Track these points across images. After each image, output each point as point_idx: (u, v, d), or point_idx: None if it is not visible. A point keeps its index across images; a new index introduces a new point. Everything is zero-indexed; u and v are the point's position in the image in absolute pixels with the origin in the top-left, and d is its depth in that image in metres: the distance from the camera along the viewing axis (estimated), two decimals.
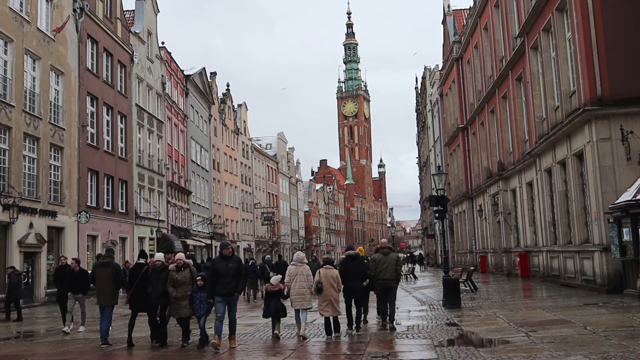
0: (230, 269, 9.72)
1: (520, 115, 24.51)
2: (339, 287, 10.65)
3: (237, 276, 9.78)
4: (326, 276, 10.48)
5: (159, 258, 10.75)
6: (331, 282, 10.47)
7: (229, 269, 9.72)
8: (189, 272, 10.23)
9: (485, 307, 14.06)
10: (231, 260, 9.87)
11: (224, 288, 9.65)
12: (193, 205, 42.15)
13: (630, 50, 15.35)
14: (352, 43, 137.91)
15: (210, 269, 10.08)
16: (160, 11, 43.37)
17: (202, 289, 10.07)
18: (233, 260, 9.87)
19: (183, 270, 10.21)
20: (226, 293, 9.68)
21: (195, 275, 10.25)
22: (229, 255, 9.95)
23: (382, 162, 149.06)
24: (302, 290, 10.44)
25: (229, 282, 9.65)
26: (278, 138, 75.14)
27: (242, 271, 10.00)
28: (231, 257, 9.94)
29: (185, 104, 41.92)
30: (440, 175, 16.03)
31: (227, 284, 9.64)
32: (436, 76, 49.24)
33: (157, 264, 10.59)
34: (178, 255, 10.83)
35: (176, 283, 10.11)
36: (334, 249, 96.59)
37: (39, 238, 21.55)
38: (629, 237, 13.57)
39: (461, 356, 7.95)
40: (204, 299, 9.97)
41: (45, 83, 22.74)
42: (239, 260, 10.11)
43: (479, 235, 33.75)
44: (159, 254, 11.15)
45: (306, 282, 10.49)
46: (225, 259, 9.90)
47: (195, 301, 10.07)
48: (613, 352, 7.49)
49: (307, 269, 10.78)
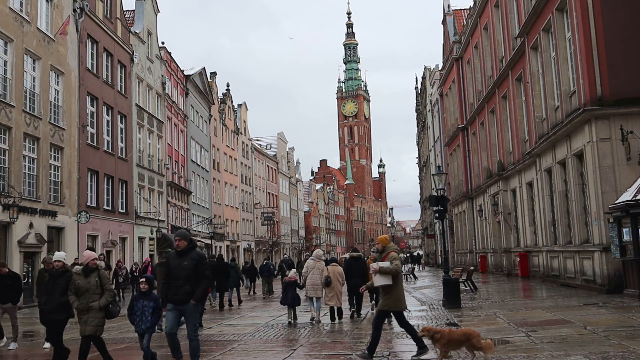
0: (184, 268, 7.49)
1: (520, 115, 24.51)
2: (343, 282, 12.71)
3: (195, 278, 7.49)
4: (333, 272, 12.54)
5: (59, 258, 8.52)
6: (337, 277, 12.54)
7: (182, 268, 7.50)
8: (97, 276, 7.96)
9: (485, 307, 14.06)
10: (187, 256, 7.58)
11: (175, 294, 7.49)
12: (193, 205, 42.15)
13: (630, 50, 15.35)
14: (352, 43, 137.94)
15: (164, 268, 8.03)
16: (160, 11, 43.46)
17: (145, 295, 8.19)
18: (190, 257, 7.56)
19: (90, 275, 7.96)
20: (177, 300, 7.48)
21: (104, 281, 8.05)
22: (184, 250, 7.64)
23: (382, 162, 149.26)
24: (316, 282, 12.56)
25: (182, 286, 7.46)
26: (278, 138, 75.14)
27: (201, 272, 7.55)
28: (187, 252, 7.62)
29: (185, 104, 41.92)
30: (440, 175, 16.04)
31: (179, 287, 7.46)
32: (436, 76, 49.24)
33: (56, 265, 8.40)
34: (86, 254, 8.44)
35: (79, 291, 7.86)
36: (334, 249, 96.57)
37: (39, 238, 21.55)
38: (629, 237, 13.56)
39: (461, 356, 7.94)
40: (146, 308, 8.06)
41: (45, 83, 22.74)
42: (199, 258, 7.67)
43: (479, 235, 33.74)
44: (60, 253, 8.86)
45: (320, 276, 12.59)
46: (180, 255, 7.64)
47: (136, 311, 8.11)
48: (613, 352, 7.49)
49: (323, 264, 12.93)
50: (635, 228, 13.32)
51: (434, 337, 7.31)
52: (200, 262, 7.60)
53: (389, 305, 8.32)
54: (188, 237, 7.74)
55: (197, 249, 7.78)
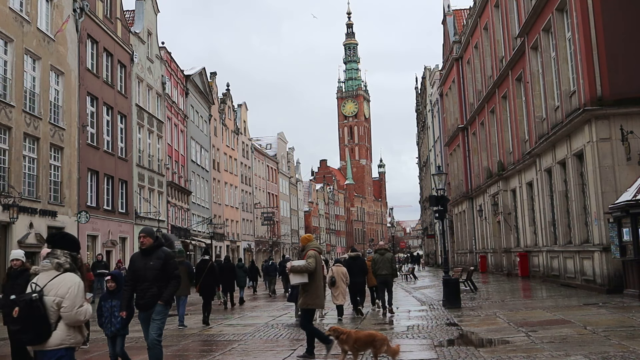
0: (150, 268, 6.76)
1: (520, 115, 24.51)
2: (347, 281, 13.33)
3: (163, 279, 6.80)
4: (337, 272, 13.22)
5: (17, 256, 7.78)
6: (341, 277, 13.19)
7: (148, 268, 6.77)
8: None
9: (485, 307, 14.06)
10: (153, 256, 6.86)
11: (141, 297, 6.82)
12: (193, 205, 42.14)
13: (630, 50, 15.35)
14: (352, 43, 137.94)
15: (128, 269, 7.34)
16: (160, 11, 43.45)
17: (114, 294, 7.47)
18: (156, 257, 6.83)
19: None
20: (143, 305, 6.82)
21: None
22: (150, 249, 6.92)
23: (382, 162, 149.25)
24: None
25: (148, 288, 6.78)
26: (278, 138, 75.13)
27: (170, 272, 6.84)
28: (153, 251, 6.90)
29: (185, 104, 41.92)
30: (440, 175, 16.05)
31: (145, 290, 6.78)
32: (436, 76, 49.24)
33: (13, 265, 7.67)
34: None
35: None
36: (334, 249, 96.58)
37: (39, 238, 21.54)
38: (629, 237, 13.56)
39: (461, 356, 7.94)
40: (115, 308, 7.30)
41: (45, 83, 22.74)
42: (167, 256, 6.94)
43: (479, 235, 33.74)
44: (17, 251, 8.13)
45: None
46: (145, 255, 6.92)
47: (104, 313, 7.43)
48: (613, 352, 7.49)
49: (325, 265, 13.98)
50: (635, 228, 13.32)
51: (339, 338, 7.40)
52: (168, 261, 6.89)
53: (307, 303, 8.60)
54: (154, 234, 7.09)
55: (165, 247, 7.07)
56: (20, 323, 4.19)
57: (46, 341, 4.20)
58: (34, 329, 4.19)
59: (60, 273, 4.37)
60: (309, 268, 8.45)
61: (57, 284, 4.28)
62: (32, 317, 4.18)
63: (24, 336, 4.23)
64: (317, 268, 8.58)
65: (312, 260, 8.50)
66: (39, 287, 4.27)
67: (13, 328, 4.28)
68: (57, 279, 4.33)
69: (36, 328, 4.19)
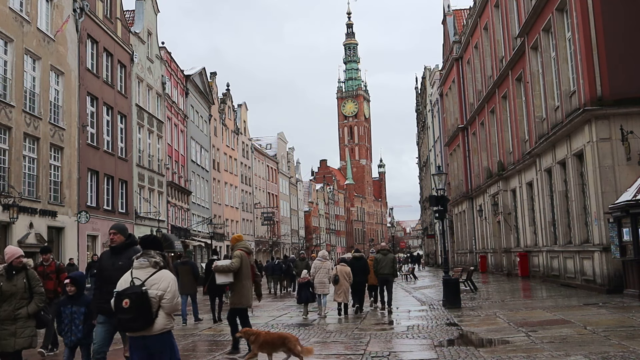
0: (119, 269, 5.86)
1: (520, 115, 24.51)
2: (350, 280, 13.79)
3: None
4: (341, 271, 13.73)
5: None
6: (345, 275, 13.68)
7: (117, 269, 5.92)
8: (25, 278, 6.68)
9: (485, 307, 14.06)
10: (123, 255, 6.13)
11: (108, 301, 5.70)
12: (193, 205, 42.14)
13: (630, 50, 15.35)
14: (352, 43, 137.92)
15: (97, 270, 6.60)
16: (160, 11, 43.45)
17: (74, 299, 6.77)
18: (126, 256, 5.99)
19: (16, 275, 6.64)
20: (109, 310, 5.67)
21: (34, 283, 6.69)
22: (121, 247, 6.24)
23: (382, 162, 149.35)
24: (324, 280, 13.72)
25: None
26: (278, 138, 75.13)
27: None
28: (124, 250, 6.21)
29: (185, 104, 41.92)
30: (440, 175, 16.06)
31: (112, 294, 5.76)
32: (436, 76, 49.24)
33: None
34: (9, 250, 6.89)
35: (3, 295, 6.50)
36: (334, 249, 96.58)
37: (39, 238, 21.54)
38: (629, 237, 13.56)
39: (461, 356, 7.94)
40: (76, 315, 6.68)
41: (45, 83, 22.73)
42: None
43: (479, 235, 33.74)
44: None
45: (327, 274, 13.79)
46: (114, 253, 6.24)
47: (64, 319, 6.75)
48: (613, 352, 7.49)
49: (329, 264, 14.21)
50: (635, 228, 13.33)
51: (249, 339, 7.46)
52: None
53: (234, 302, 8.88)
54: (126, 231, 6.35)
55: (138, 246, 6.14)
56: (132, 313, 4.84)
57: (152, 327, 4.91)
58: (143, 317, 4.86)
59: (157, 270, 5.05)
60: (231, 268, 8.71)
61: (158, 280, 4.98)
62: (142, 307, 4.84)
63: (135, 324, 4.88)
64: (243, 268, 8.76)
65: (236, 260, 8.75)
66: (140, 281, 4.96)
67: (125, 317, 4.86)
68: (156, 275, 5.01)
69: (145, 316, 4.86)
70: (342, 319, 13.27)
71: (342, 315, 13.70)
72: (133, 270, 5.08)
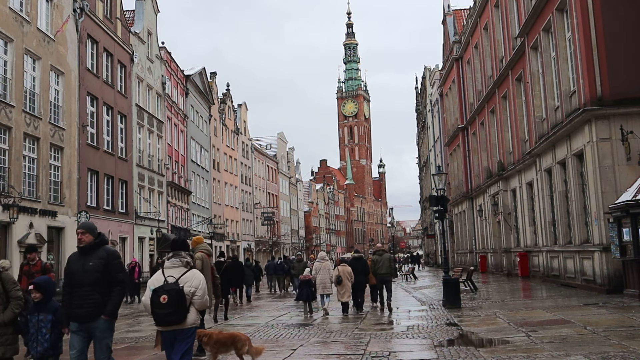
0: (89, 270, 5.58)
1: (520, 115, 24.51)
2: (352, 280, 13.98)
3: (105, 284, 5.63)
4: (343, 271, 13.93)
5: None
6: (347, 275, 13.90)
7: (87, 271, 5.60)
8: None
9: (485, 307, 14.06)
10: (93, 255, 5.68)
11: (79, 306, 5.58)
12: (193, 205, 42.15)
13: (630, 50, 15.35)
14: (352, 43, 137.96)
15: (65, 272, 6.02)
16: (160, 11, 43.43)
17: (41, 306, 6.26)
18: (97, 257, 5.66)
19: None
20: (81, 315, 5.59)
21: (9, 286, 6.27)
22: (90, 247, 5.74)
23: (382, 162, 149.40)
24: (325, 280, 14.06)
25: (88, 295, 5.58)
26: (278, 138, 75.13)
27: (113, 275, 5.70)
28: (93, 250, 5.73)
29: (185, 104, 41.92)
30: (440, 175, 16.06)
31: (84, 297, 5.59)
32: (436, 76, 49.24)
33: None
34: None
35: None
36: (334, 249, 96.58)
37: (39, 238, 21.54)
38: (629, 237, 13.56)
39: (461, 356, 7.94)
40: (42, 323, 6.19)
41: (45, 83, 22.73)
42: (109, 256, 5.77)
43: (479, 235, 33.73)
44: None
45: (328, 275, 14.12)
46: (83, 254, 5.74)
47: (30, 329, 6.26)
48: (613, 352, 7.48)
49: (329, 264, 14.59)
50: (635, 228, 13.32)
51: (202, 340, 7.50)
52: (111, 261, 5.72)
53: None
54: (95, 230, 5.85)
55: (108, 246, 5.90)
56: (170, 307, 5.23)
57: (185, 321, 5.32)
58: (180, 311, 5.27)
59: (188, 269, 5.48)
60: None
61: (190, 278, 5.41)
62: (179, 302, 5.25)
63: (173, 317, 5.26)
64: (204, 270, 8.82)
65: (198, 263, 8.86)
66: (174, 279, 5.35)
67: (164, 312, 5.23)
68: (188, 273, 5.44)
69: (181, 311, 5.28)
70: (343, 319, 13.32)
71: (347, 313, 13.97)
72: (165, 269, 5.45)
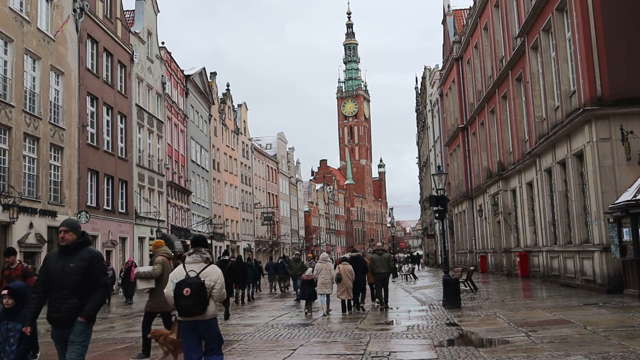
0: (68, 272, 5.22)
1: (520, 115, 24.51)
2: (353, 278, 14.16)
3: (86, 287, 5.26)
4: (344, 270, 14.12)
5: None
6: (347, 274, 14.10)
7: (67, 272, 5.22)
8: None
9: (485, 307, 14.06)
10: (75, 256, 5.31)
11: (56, 309, 5.21)
12: (193, 205, 42.15)
13: (630, 50, 15.35)
14: (352, 43, 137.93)
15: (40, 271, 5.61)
16: (160, 11, 43.42)
17: (12, 313, 5.81)
18: (79, 257, 5.30)
19: None
20: (57, 319, 5.23)
21: None
22: (72, 247, 5.37)
23: (382, 162, 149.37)
24: (326, 280, 14.16)
25: (66, 299, 5.20)
26: (278, 138, 75.12)
27: (96, 278, 5.33)
28: (76, 250, 5.37)
29: (185, 104, 41.92)
30: (440, 175, 16.06)
31: (61, 301, 5.20)
32: (436, 76, 49.24)
33: None
34: None
35: None
36: (334, 249, 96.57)
37: (39, 238, 21.54)
38: (629, 237, 13.56)
39: (461, 356, 7.94)
40: (12, 332, 5.78)
41: (45, 83, 22.73)
42: (93, 258, 5.39)
43: (479, 235, 33.73)
44: None
45: (329, 275, 14.20)
46: (64, 254, 5.36)
47: None
48: (613, 352, 7.48)
49: (330, 265, 14.64)
50: (635, 228, 13.32)
51: (158, 340, 7.56)
52: (94, 264, 5.34)
53: (151, 307, 8.97)
54: (79, 229, 5.48)
55: (92, 247, 5.61)
56: (193, 299, 5.61)
57: (205, 312, 5.73)
58: (202, 303, 5.66)
59: (207, 265, 5.89)
60: (153, 275, 8.90)
61: (210, 273, 5.83)
62: (201, 294, 5.65)
63: (195, 309, 5.65)
64: (164, 273, 8.80)
65: (158, 267, 8.94)
66: (195, 273, 5.76)
67: (187, 303, 5.61)
68: (208, 269, 5.86)
69: (203, 303, 5.68)
70: (343, 319, 13.36)
71: (346, 312, 14.20)
72: (186, 264, 5.88)
